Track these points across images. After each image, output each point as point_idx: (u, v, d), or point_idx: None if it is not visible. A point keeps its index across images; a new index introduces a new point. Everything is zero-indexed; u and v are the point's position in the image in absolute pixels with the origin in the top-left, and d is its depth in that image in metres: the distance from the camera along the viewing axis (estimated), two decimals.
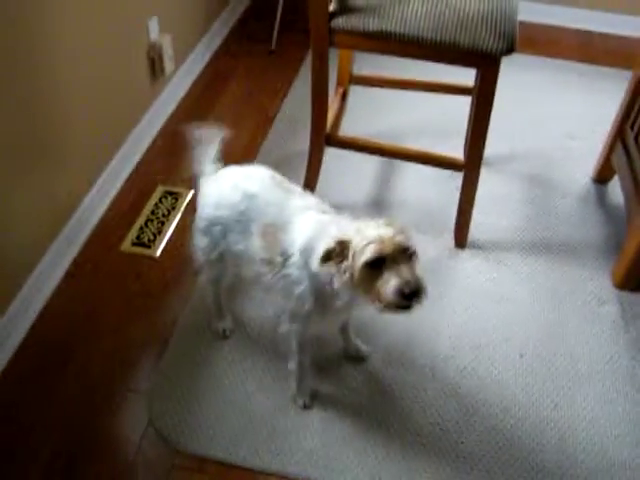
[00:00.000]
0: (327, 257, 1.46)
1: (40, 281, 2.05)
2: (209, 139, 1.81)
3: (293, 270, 1.59)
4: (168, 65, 2.68)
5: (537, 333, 2.01)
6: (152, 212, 2.37)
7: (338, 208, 2.36)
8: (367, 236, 1.42)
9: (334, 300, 1.56)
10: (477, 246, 2.27)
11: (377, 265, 1.40)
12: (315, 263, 1.49)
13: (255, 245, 1.65)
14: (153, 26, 2.55)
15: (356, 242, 1.42)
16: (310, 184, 2.33)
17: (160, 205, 2.39)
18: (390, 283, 1.39)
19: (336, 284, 1.50)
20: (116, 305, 2.08)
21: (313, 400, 1.83)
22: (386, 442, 1.75)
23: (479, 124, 1.98)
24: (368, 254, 1.40)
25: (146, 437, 1.76)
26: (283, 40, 3.24)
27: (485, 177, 2.15)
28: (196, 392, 1.84)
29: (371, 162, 2.55)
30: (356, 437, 1.76)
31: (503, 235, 2.32)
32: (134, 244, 2.26)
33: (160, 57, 2.60)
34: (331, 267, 1.47)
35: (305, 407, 1.82)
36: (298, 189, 1.71)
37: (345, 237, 1.45)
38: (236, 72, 3.09)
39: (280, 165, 2.53)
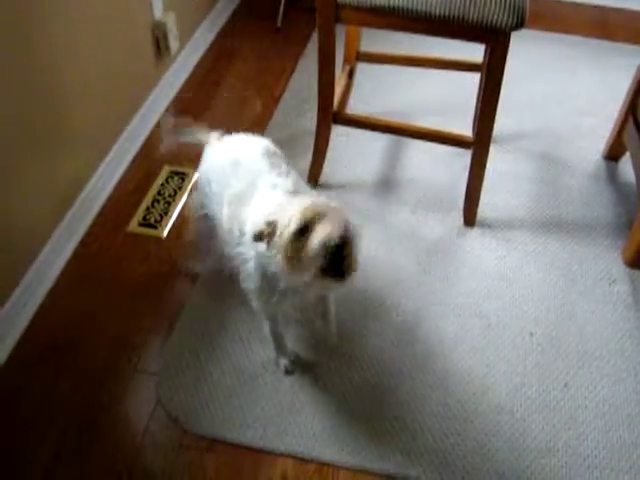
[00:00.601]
0: (258, 238, 1.45)
1: (46, 263, 2.04)
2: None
3: (245, 248, 1.59)
4: (173, 44, 2.65)
5: (547, 312, 2.00)
6: (158, 192, 2.35)
7: (345, 186, 2.36)
8: (290, 209, 1.41)
9: (278, 282, 1.54)
10: (486, 224, 2.24)
11: (304, 235, 1.38)
12: (254, 245, 1.49)
13: (224, 213, 1.67)
14: (157, 4, 2.52)
15: (282, 220, 1.41)
16: (317, 162, 2.31)
17: (166, 185, 2.38)
18: (314, 242, 1.36)
19: (275, 267, 1.47)
20: (123, 286, 2.07)
21: (294, 365, 1.84)
22: (395, 422, 1.74)
23: (488, 101, 1.95)
24: (292, 225, 1.38)
25: (154, 417, 1.76)
26: (289, 18, 3.21)
27: (494, 155, 2.12)
28: (204, 372, 1.84)
29: (379, 140, 2.52)
30: (365, 417, 1.75)
31: (512, 213, 2.29)
32: (140, 225, 2.24)
33: (165, 36, 2.57)
34: (266, 249, 1.46)
35: (287, 372, 1.83)
36: (284, 165, 1.70)
37: (273, 217, 1.44)
38: (241, 50, 3.06)
39: (287, 144, 2.51)
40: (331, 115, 2.18)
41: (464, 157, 2.22)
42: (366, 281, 2.06)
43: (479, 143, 2.06)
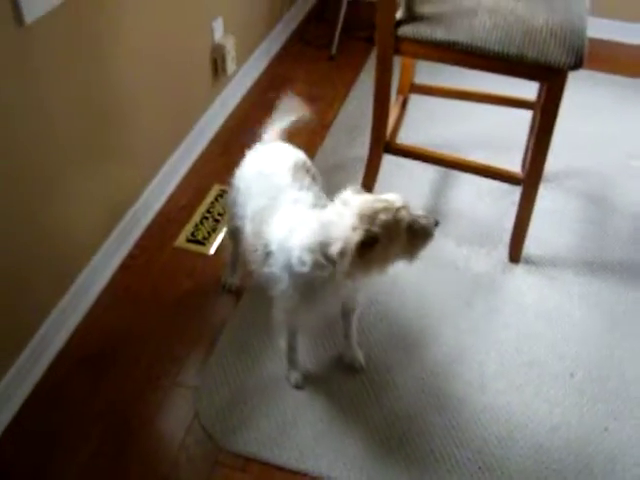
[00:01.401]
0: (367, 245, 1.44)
1: (94, 274, 2.09)
2: (291, 109, 1.94)
3: (274, 269, 1.60)
4: (230, 66, 2.71)
5: (589, 353, 1.98)
6: (208, 210, 2.39)
7: None
8: (383, 209, 1.45)
9: (326, 290, 1.55)
10: (531, 262, 2.23)
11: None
12: (342, 263, 1.43)
13: (247, 229, 1.70)
14: (218, 26, 2.58)
15: (382, 219, 1.43)
16: (367, 190, 2.32)
17: (216, 203, 2.42)
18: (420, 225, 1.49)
19: (342, 271, 1.45)
20: (168, 300, 2.11)
21: (304, 381, 1.86)
22: (430, 454, 1.73)
23: (541, 139, 1.95)
24: (407, 218, 1.47)
25: (191, 432, 1.77)
26: (343, 46, 3.25)
27: (542, 192, 2.11)
28: (243, 390, 1.86)
29: (427, 171, 2.53)
30: (401, 447, 1.75)
31: (558, 252, 2.28)
32: (188, 241, 2.28)
33: (223, 58, 2.63)
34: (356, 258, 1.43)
35: (297, 387, 1.85)
36: (307, 179, 1.71)
37: (322, 238, 1.46)
38: (295, 76, 3.11)
39: (337, 170, 2.55)
40: (383, 145, 2.20)
41: (511, 193, 2.22)
42: (408, 311, 2.07)
43: (529, 180, 2.06)
